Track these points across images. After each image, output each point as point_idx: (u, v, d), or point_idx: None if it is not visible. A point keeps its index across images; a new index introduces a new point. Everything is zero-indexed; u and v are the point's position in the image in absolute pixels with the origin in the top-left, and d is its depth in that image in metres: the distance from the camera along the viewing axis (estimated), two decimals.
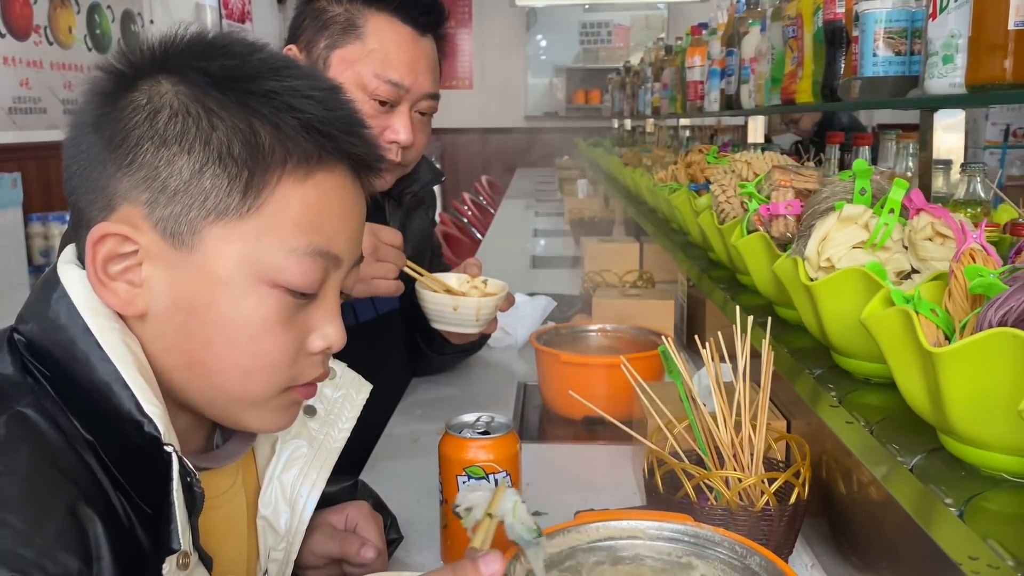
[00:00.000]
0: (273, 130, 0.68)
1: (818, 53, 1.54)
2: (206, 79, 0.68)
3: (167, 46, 0.72)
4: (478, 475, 0.96)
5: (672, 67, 3.56)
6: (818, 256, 1.02)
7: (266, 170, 0.67)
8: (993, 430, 0.74)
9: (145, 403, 0.65)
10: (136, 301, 0.68)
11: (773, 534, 0.91)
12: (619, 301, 1.82)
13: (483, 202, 6.22)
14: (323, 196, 0.70)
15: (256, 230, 0.68)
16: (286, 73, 0.70)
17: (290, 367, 0.72)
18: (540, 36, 9.27)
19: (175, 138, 0.67)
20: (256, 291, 0.68)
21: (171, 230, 0.67)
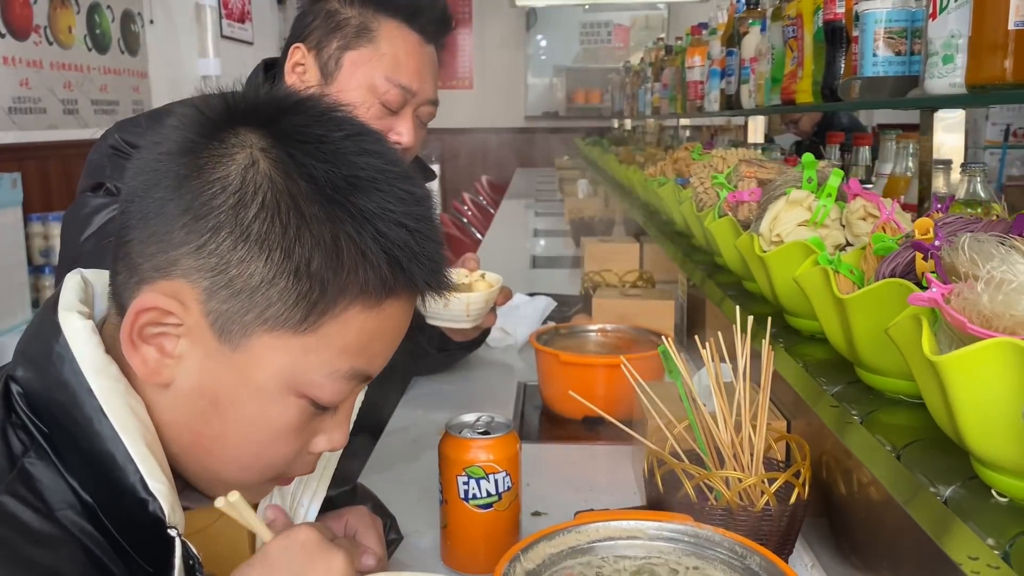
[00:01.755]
0: (358, 256, 0.64)
1: (818, 53, 1.54)
2: (309, 183, 0.63)
3: (279, 108, 0.67)
4: (478, 475, 0.96)
5: (672, 67, 3.56)
6: (770, 232, 1.23)
7: (338, 296, 0.64)
8: (885, 357, 0.94)
9: (151, 479, 0.62)
10: (163, 371, 0.65)
11: (773, 534, 0.91)
12: (619, 301, 1.82)
13: (483, 202, 6.22)
14: (382, 324, 0.67)
15: (305, 347, 0.65)
16: (386, 187, 0.65)
17: (287, 466, 0.71)
18: (540, 36, 9.26)
19: (258, 238, 0.62)
20: (283, 400, 0.66)
21: (221, 325, 0.64)
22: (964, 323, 0.68)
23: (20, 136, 3.67)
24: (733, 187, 1.52)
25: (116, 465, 0.62)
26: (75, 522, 0.62)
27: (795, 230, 1.20)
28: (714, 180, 1.63)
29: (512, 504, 0.98)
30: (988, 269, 0.69)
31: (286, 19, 7.50)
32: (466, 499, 0.96)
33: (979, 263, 0.70)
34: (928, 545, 0.71)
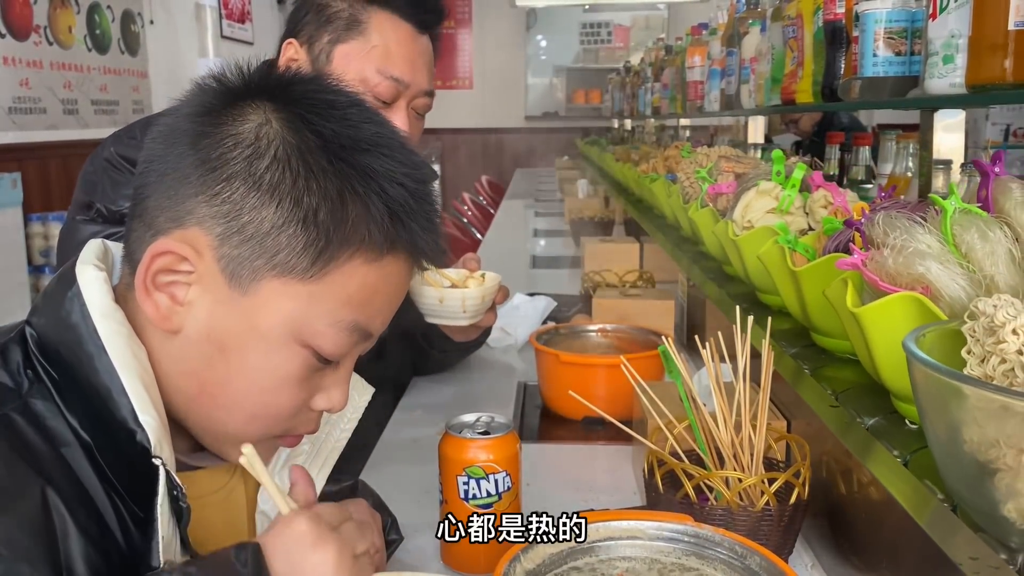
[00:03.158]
0: (362, 209, 0.68)
1: (818, 53, 1.54)
2: (317, 139, 0.68)
3: (291, 80, 0.72)
4: (478, 475, 0.96)
5: (672, 67, 3.56)
6: (742, 219, 1.39)
7: (342, 245, 0.68)
8: (830, 321, 1.09)
9: (141, 412, 0.65)
10: (173, 318, 0.69)
11: (773, 534, 0.91)
12: (619, 301, 1.82)
13: (483, 202, 6.21)
14: (382, 280, 0.71)
15: (311, 294, 0.68)
16: (387, 152, 0.70)
17: (290, 419, 0.74)
18: (540, 36, 9.27)
19: (269, 187, 0.66)
20: (288, 348, 0.69)
21: (232, 270, 0.67)
22: (876, 281, 0.85)
23: (20, 136, 3.67)
24: (713, 180, 1.68)
25: (111, 398, 0.65)
26: (74, 459, 0.65)
27: (764, 217, 1.36)
28: (697, 174, 1.80)
29: (512, 504, 0.98)
30: (894, 238, 0.85)
31: (286, 19, 7.51)
32: (466, 499, 0.96)
33: (888, 234, 0.86)
34: (928, 545, 0.71)
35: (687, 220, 1.88)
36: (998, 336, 0.64)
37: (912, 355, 0.67)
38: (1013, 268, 0.80)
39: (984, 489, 0.63)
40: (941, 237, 0.83)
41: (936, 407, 0.67)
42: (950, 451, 0.66)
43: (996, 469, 0.60)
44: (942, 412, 0.66)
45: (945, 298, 0.80)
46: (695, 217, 1.72)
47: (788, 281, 1.17)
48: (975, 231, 0.82)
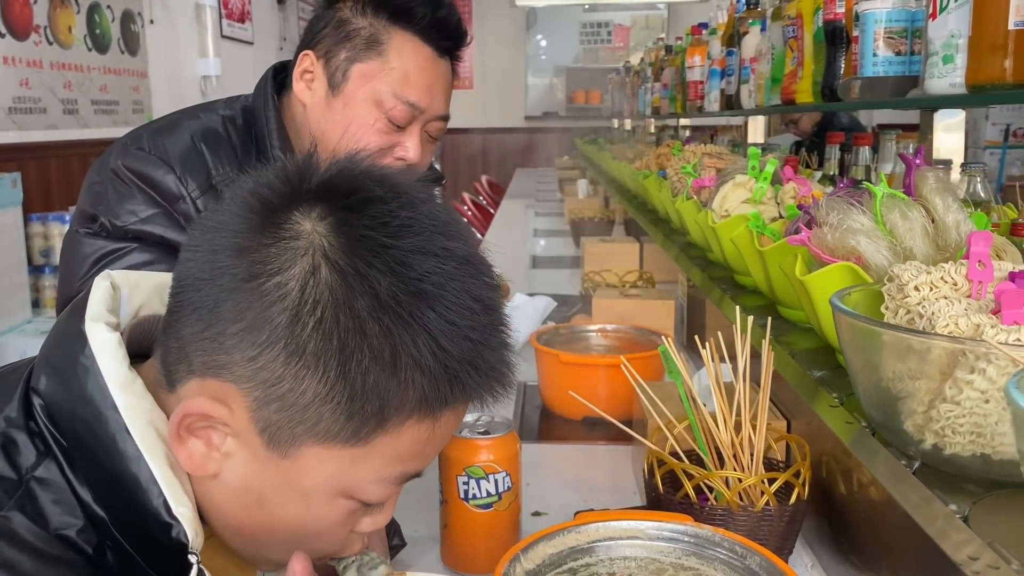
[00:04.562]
0: (417, 372, 0.60)
1: (818, 53, 1.54)
2: (373, 301, 0.59)
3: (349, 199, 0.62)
4: (478, 475, 0.96)
5: (672, 67, 3.56)
6: (720, 208, 1.57)
7: (394, 411, 0.61)
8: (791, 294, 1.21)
9: (175, 503, 0.61)
10: (209, 465, 0.63)
11: (773, 534, 0.91)
12: (619, 301, 1.82)
13: (483, 202, 6.22)
14: (435, 432, 0.65)
15: (356, 457, 0.62)
16: (452, 296, 0.61)
17: (331, 550, 0.70)
18: (540, 36, 9.26)
19: (313, 355, 0.59)
20: (333, 502, 0.65)
21: (271, 434, 0.61)
22: (819, 253, 1.03)
23: (20, 136, 3.67)
24: (697, 175, 1.85)
25: (139, 487, 0.60)
26: (74, 543, 0.60)
27: (739, 206, 1.52)
28: (683, 170, 1.97)
29: (512, 504, 0.98)
30: (832, 218, 1.01)
31: (286, 19, 7.50)
32: (466, 499, 0.96)
33: (829, 215, 1.02)
34: (928, 545, 0.71)
35: (675, 212, 2.02)
36: (905, 292, 0.81)
37: (836, 308, 0.84)
38: (927, 241, 0.96)
39: (891, 412, 0.80)
40: (872, 217, 1.00)
41: (855, 350, 0.84)
42: (866, 385, 0.83)
43: (899, 396, 0.78)
44: (860, 353, 0.83)
45: (873, 267, 0.96)
46: (681, 208, 1.88)
47: (757, 261, 1.34)
48: (898, 212, 0.98)
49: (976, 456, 0.75)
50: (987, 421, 0.73)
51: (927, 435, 0.77)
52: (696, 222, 1.74)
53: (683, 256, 1.99)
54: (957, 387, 0.73)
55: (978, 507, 0.73)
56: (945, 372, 0.73)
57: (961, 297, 0.79)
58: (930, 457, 0.79)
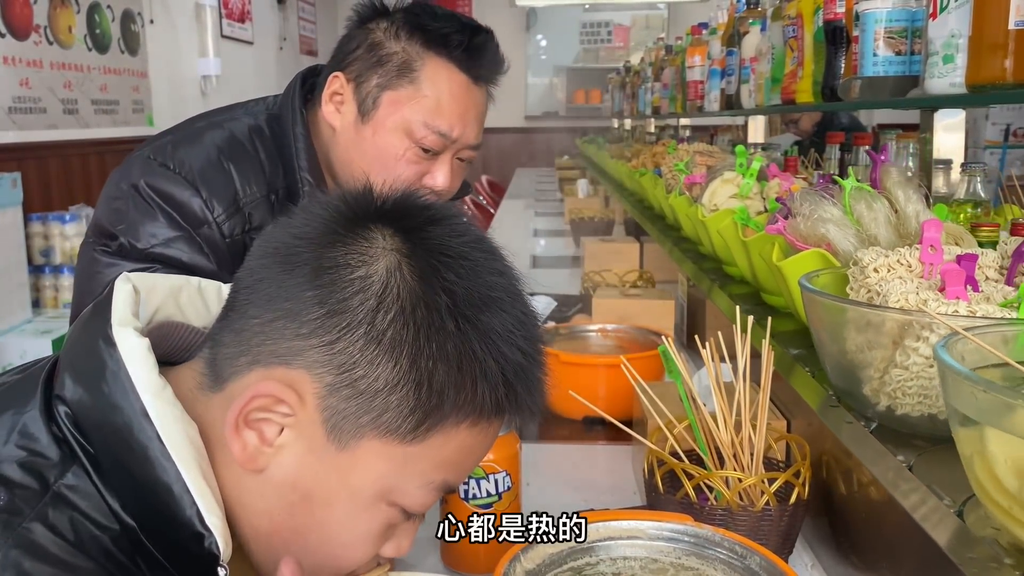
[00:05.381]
0: (479, 375, 0.63)
1: (818, 53, 1.54)
2: (448, 299, 0.62)
3: (427, 219, 0.66)
4: (478, 475, 0.96)
5: (672, 67, 3.56)
6: (709, 203, 1.66)
7: (452, 410, 0.63)
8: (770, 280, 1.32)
9: (207, 513, 0.60)
10: (259, 459, 0.63)
11: (773, 534, 0.91)
12: (619, 301, 1.82)
13: (483, 202, 6.21)
14: (480, 441, 0.67)
15: (406, 456, 0.64)
16: (510, 308, 0.65)
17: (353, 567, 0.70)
18: (540, 36, 9.27)
19: (391, 343, 0.61)
20: (375, 507, 0.66)
21: (335, 423, 0.62)
22: (793, 241, 1.14)
23: (20, 136, 3.67)
24: (689, 172, 1.96)
25: (172, 496, 0.60)
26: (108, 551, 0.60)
27: (727, 201, 1.61)
28: (676, 167, 2.09)
29: (512, 504, 0.98)
30: (805, 208, 1.11)
31: (286, 19, 7.50)
32: (466, 499, 0.96)
33: (802, 206, 1.12)
34: (928, 545, 0.71)
35: (669, 208, 2.11)
36: (866, 274, 0.89)
37: (804, 288, 0.95)
38: (890, 229, 1.06)
39: (852, 379, 0.90)
40: (842, 208, 1.09)
41: (820, 325, 0.94)
42: (831, 357, 0.94)
43: (858, 365, 0.87)
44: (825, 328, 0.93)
45: (841, 252, 1.05)
46: (674, 203, 1.98)
47: (741, 251, 1.43)
48: (864, 203, 1.08)
49: (924, 416, 0.84)
50: (931, 384, 0.81)
51: (882, 398, 0.86)
52: (688, 216, 1.84)
53: (676, 250, 2.06)
54: (906, 354, 0.81)
55: (922, 458, 0.83)
56: (896, 341, 0.82)
57: (914, 277, 0.88)
58: (885, 418, 0.88)
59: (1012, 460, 0.61)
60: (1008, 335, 0.72)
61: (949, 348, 0.67)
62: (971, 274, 0.83)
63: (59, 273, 3.48)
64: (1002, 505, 0.63)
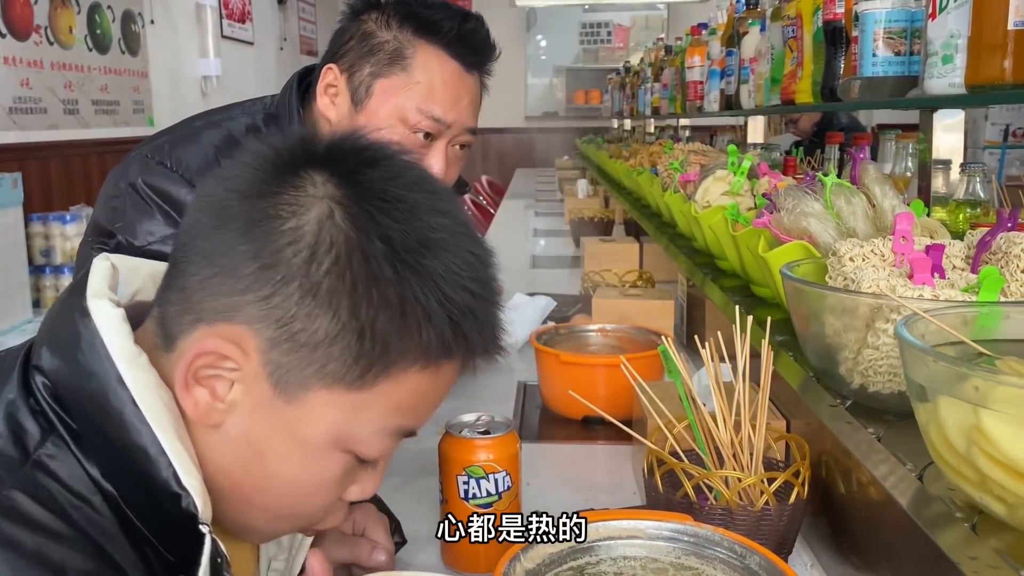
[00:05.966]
0: (423, 319, 0.62)
1: (818, 53, 1.54)
2: (385, 245, 0.61)
3: (360, 161, 0.65)
4: (478, 475, 0.96)
5: (672, 67, 3.56)
6: (702, 200, 1.72)
7: (398, 356, 0.63)
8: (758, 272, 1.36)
9: (184, 474, 0.61)
10: (212, 415, 0.64)
11: (773, 534, 0.91)
12: (619, 301, 1.82)
13: (483, 202, 6.21)
14: (435, 385, 0.66)
15: (358, 404, 0.64)
16: (454, 249, 0.64)
17: (319, 516, 0.71)
18: (540, 36, 9.27)
19: (327, 294, 0.60)
20: (330, 455, 0.66)
21: (279, 377, 0.62)
22: (778, 234, 1.20)
23: (21, 136, 3.67)
24: (683, 170, 2.02)
25: (148, 459, 0.60)
26: (90, 518, 0.60)
27: (719, 198, 1.67)
28: (670, 166, 2.16)
29: (512, 504, 0.98)
30: (788, 203, 1.18)
31: (286, 19, 7.50)
32: (466, 499, 0.96)
33: (786, 201, 1.19)
34: (927, 545, 0.71)
35: (665, 205, 2.17)
36: (842, 263, 0.96)
37: (784, 276, 1.01)
38: (867, 222, 1.13)
39: (829, 360, 0.95)
40: (823, 202, 1.16)
41: (799, 310, 1.01)
42: (809, 339, 1.00)
43: (835, 347, 0.93)
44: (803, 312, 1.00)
45: (821, 244, 1.12)
46: (669, 201, 2.04)
47: (731, 245, 1.49)
48: (843, 198, 1.15)
49: (894, 394, 0.90)
50: (899, 363, 0.83)
51: (855, 377, 0.92)
52: (682, 212, 1.91)
53: (672, 246, 2.11)
54: (876, 335, 0.88)
55: (890, 431, 0.89)
56: (868, 324, 0.88)
57: (886, 266, 0.94)
58: (858, 395, 0.94)
59: (960, 425, 0.67)
60: (968, 317, 0.79)
61: (911, 328, 0.73)
62: (938, 263, 0.90)
63: (60, 273, 3.49)
64: (952, 465, 0.69)
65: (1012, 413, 0.63)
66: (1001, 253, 0.90)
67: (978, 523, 0.70)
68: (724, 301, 1.52)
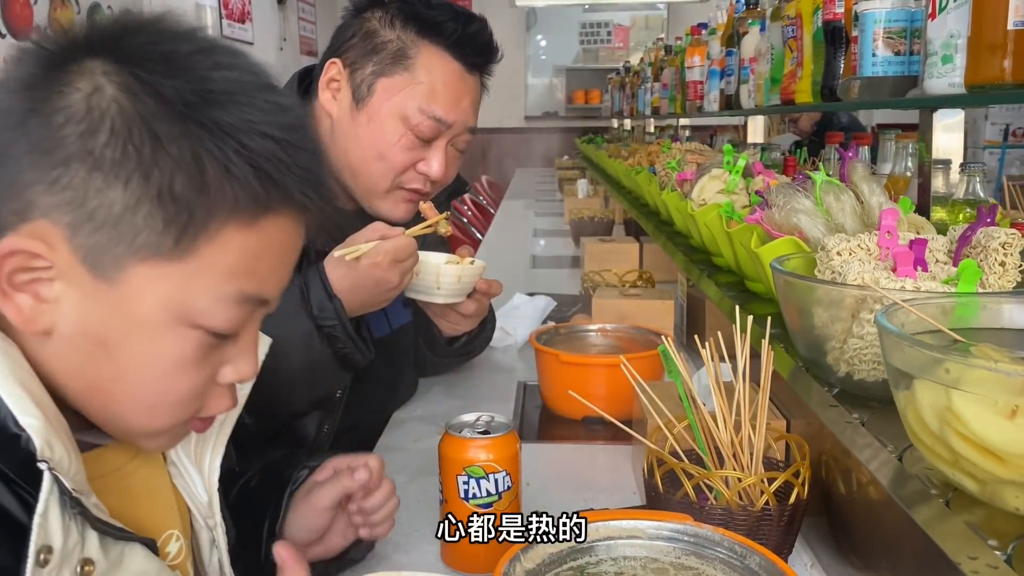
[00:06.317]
0: (223, 172, 0.61)
1: (817, 53, 1.54)
2: (158, 101, 0.60)
3: (120, 31, 0.63)
4: (478, 475, 0.96)
5: (672, 67, 3.56)
6: (698, 197, 1.74)
7: (208, 215, 0.61)
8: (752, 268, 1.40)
9: (20, 414, 0.60)
10: (40, 319, 0.62)
11: (772, 534, 0.91)
12: (619, 301, 1.82)
13: (483, 202, 6.21)
14: (264, 242, 0.65)
15: (186, 273, 0.62)
16: (245, 99, 0.63)
17: (195, 401, 0.69)
18: (540, 36, 9.27)
19: (112, 165, 0.59)
20: (176, 332, 0.64)
21: (92, 260, 0.61)
22: (769, 230, 1.24)
23: None
24: (680, 169, 2.06)
25: None
26: None
27: (715, 196, 1.69)
28: (668, 165, 2.21)
29: (512, 504, 0.98)
30: (780, 200, 1.22)
31: (286, 19, 7.50)
32: (466, 499, 0.96)
33: (778, 198, 1.23)
34: (927, 544, 0.71)
35: (662, 203, 2.20)
36: (830, 257, 0.99)
37: (774, 269, 1.05)
38: (855, 218, 1.17)
39: (817, 350, 0.99)
40: (813, 199, 1.20)
41: (788, 301, 1.05)
42: (798, 330, 1.04)
43: (823, 337, 0.97)
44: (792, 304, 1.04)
45: (811, 239, 1.15)
46: (666, 199, 2.07)
47: (726, 242, 1.52)
48: (832, 195, 1.19)
49: (878, 381, 0.93)
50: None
51: (841, 366, 0.96)
52: (678, 210, 1.95)
53: (669, 243, 2.13)
54: (861, 325, 0.92)
55: (873, 416, 0.93)
56: (854, 315, 0.92)
57: (872, 259, 0.98)
58: (845, 383, 0.98)
59: (934, 407, 0.70)
60: (947, 307, 0.84)
61: (891, 317, 0.77)
62: (920, 256, 0.95)
63: None
64: (928, 445, 0.73)
65: (981, 394, 0.66)
66: (980, 247, 0.94)
67: (952, 499, 0.74)
68: (720, 296, 1.55)
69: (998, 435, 0.66)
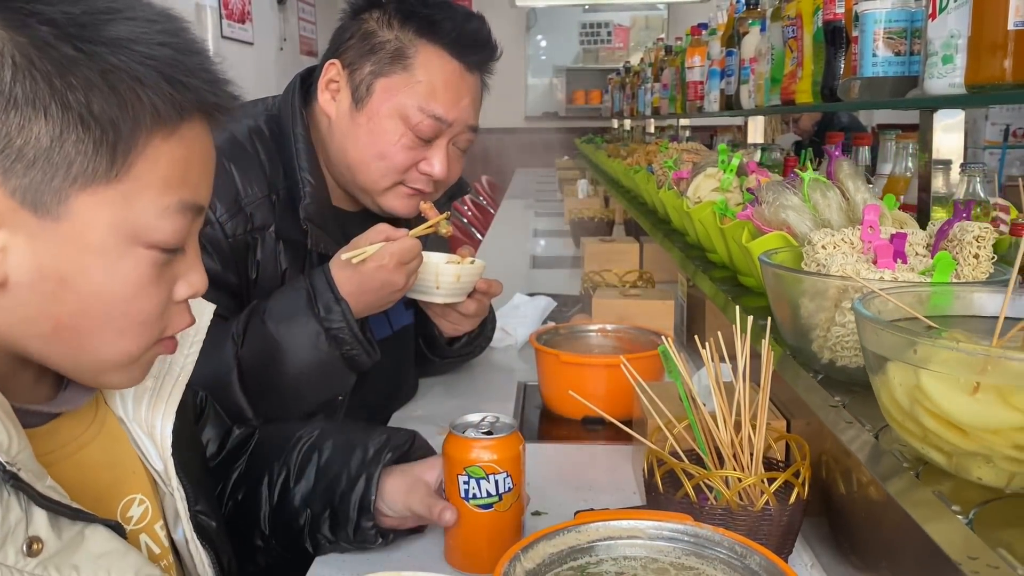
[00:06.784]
0: (136, 84, 0.63)
1: (818, 53, 1.54)
2: (51, 28, 0.61)
3: None
4: (478, 475, 0.96)
5: (672, 67, 3.56)
6: (693, 195, 1.81)
7: (134, 130, 0.63)
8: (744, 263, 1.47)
9: None
10: None
11: (773, 534, 0.91)
12: (619, 301, 1.82)
13: (483, 202, 6.21)
14: (187, 149, 0.68)
15: (125, 193, 0.64)
16: (131, 13, 0.64)
17: (160, 320, 0.71)
18: (540, 36, 9.27)
19: (26, 100, 0.60)
20: (130, 253, 0.66)
21: (32, 199, 0.62)
22: (759, 225, 1.30)
23: None
24: (677, 168, 2.13)
25: None
26: None
27: (709, 194, 1.75)
28: (665, 164, 2.26)
29: (514, 505, 0.98)
30: (769, 197, 1.28)
31: (286, 19, 7.50)
32: (466, 499, 0.96)
33: (767, 195, 1.29)
34: (927, 545, 0.71)
35: (659, 202, 2.25)
36: (815, 250, 1.05)
37: (762, 262, 1.11)
38: (841, 214, 1.22)
39: (803, 338, 1.05)
40: (801, 196, 1.25)
41: (775, 292, 1.11)
42: (785, 319, 1.09)
43: (808, 326, 1.03)
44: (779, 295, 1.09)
45: (799, 234, 1.20)
46: (664, 197, 2.13)
47: (720, 238, 1.57)
48: (819, 192, 1.24)
49: (859, 367, 0.98)
50: None
51: (825, 353, 1.02)
52: (675, 208, 2.01)
53: (667, 241, 2.18)
54: (843, 314, 0.97)
55: (854, 399, 0.99)
56: (837, 304, 0.98)
57: (855, 252, 1.03)
58: (829, 370, 1.04)
59: (905, 386, 0.76)
60: (923, 296, 0.90)
61: (868, 305, 0.83)
62: (900, 249, 1.01)
63: None
64: (900, 422, 0.79)
65: (946, 372, 0.73)
66: (956, 240, 0.99)
67: (922, 472, 0.80)
68: (714, 291, 1.61)
69: (962, 410, 0.72)
